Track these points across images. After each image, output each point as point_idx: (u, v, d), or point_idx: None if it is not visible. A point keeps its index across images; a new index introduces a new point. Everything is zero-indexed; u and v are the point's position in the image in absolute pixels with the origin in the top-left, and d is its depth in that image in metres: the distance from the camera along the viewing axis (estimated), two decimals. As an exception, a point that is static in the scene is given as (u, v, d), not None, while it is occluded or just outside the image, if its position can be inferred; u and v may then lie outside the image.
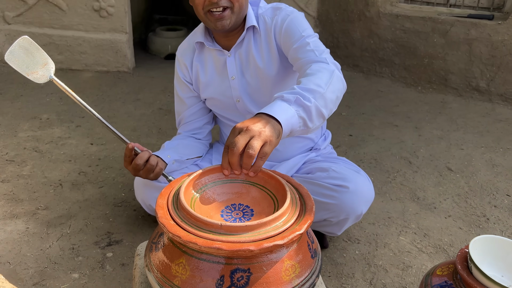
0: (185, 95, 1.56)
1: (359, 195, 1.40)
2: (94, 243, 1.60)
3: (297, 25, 1.35)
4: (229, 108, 1.53)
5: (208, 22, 1.32)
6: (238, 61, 1.45)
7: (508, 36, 2.92)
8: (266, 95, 1.46)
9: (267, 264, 0.82)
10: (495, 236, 1.18)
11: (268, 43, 1.41)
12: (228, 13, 1.29)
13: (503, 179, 2.17)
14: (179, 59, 1.53)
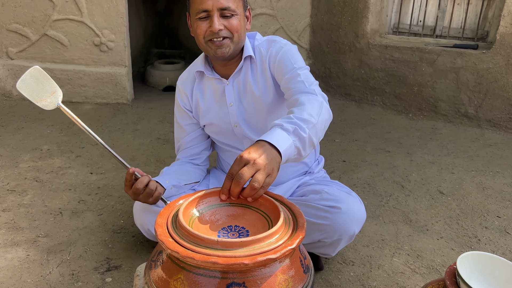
0: (184, 122, 1.63)
1: (351, 216, 1.45)
2: (94, 269, 1.63)
3: (290, 57, 1.44)
4: (227, 133, 1.60)
5: (209, 50, 1.41)
6: (236, 88, 1.53)
7: (492, 64, 3.05)
8: (261, 121, 1.54)
9: (261, 278, 0.87)
10: (482, 252, 1.22)
11: (263, 73, 1.50)
12: (228, 42, 1.39)
13: (493, 201, 2.22)
14: (180, 88, 1.62)
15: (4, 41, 3.50)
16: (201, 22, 1.36)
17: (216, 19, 1.34)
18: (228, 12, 1.35)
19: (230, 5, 1.35)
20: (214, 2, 1.33)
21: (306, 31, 3.88)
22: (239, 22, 1.39)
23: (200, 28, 1.37)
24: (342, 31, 3.67)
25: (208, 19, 1.36)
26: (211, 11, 1.34)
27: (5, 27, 3.45)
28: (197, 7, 1.35)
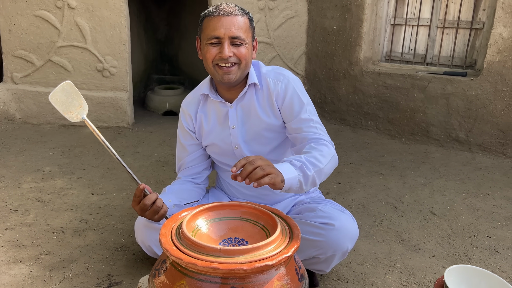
0: (187, 142, 1.71)
1: (345, 232, 1.52)
2: (95, 285, 1.67)
3: (299, 96, 1.55)
4: (227, 154, 1.68)
5: (216, 75, 1.49)
6: (239, 112, 1.62)
7: (481, 91, 3.17)
8: (260, 144, 1.63)
9: (259, 284, 0.93)
10: (468, 265, 1.29)
11: (270, 102, 1.58)
12: (235, 69, 1.47)
13: (483, 222, 2.29)
14: (184, 110, 1.70)
15: (9, 66, 3.61)
16: (211, 47, 1.45)
17: (227, 46, 1.43)
18: (238, 40, 1.44)
19: (241, 34, 1.44)
20: (226, 31, 1.43)
21: (301, 58, 4.02)
22: (247, 51, 1.48)
23: (210, 52, 1.46)
24: (336, 58, 3.81)
25: (219, 45, 1.45)
26: (222, 39, 1.43)
27: (11, 53, 3.57)
28: (210, 33, 1.44)
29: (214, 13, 1.44)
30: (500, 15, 3.01)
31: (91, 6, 3.44)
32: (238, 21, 1.44)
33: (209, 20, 1.45)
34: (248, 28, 1.48)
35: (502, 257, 1.97)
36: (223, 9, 1.45)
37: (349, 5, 3.62)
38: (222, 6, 1.46)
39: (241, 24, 1.45)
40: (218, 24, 1.43)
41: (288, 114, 1.56)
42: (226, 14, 1.43)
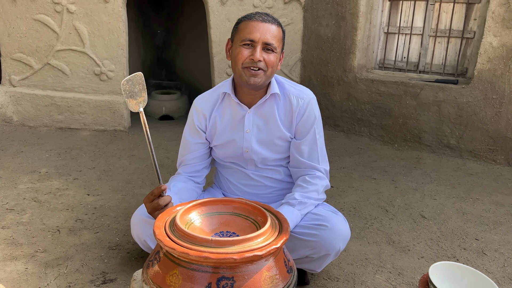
0: (193, 140, 1.74)
1: (337, 233, 1.57)
2: (90, 282, 1.70)
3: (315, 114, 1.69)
4: (235, 156, 1.73)
5: (243, 76, 1.55)
6: (256, 118, 1.67)
7: (471, 98, 3.24)
8: (269, 150, 1.71)
9: (249, 274, 0.97)
10: (452, 262, 1.34)
11: (290, 116, 1.67)
12: (261, 74, 1.54)
13: (472, 225, 2.34)
14: (198, 108, 1.72)
15: (7, 69, 3.65)
16: (244, 49, 1.52)
17: (259, 50, 1.50)
18: (270, 47, 1.51)
19: (274, 42, 1.52)
20: (261, 35, 1.50)
21: (297, 65, 4.08)
22: (275, 59, 1.55)
23: (242, 54, 1.52)
24: (331, 65, 3.88)
25: (251, 48, 1.51)
26: (256, 42, 1.50)
27: (10, 56, 3.61)
28: (245, 36, 1.51)
29: (252, 18, 1.52)
30: (490, 25, 3.09)
31: (89, 11, 3.49)
32: (273, 29, 1.52)
33: (247, 23, 1.52)
34: (280, 38, 1.56)
35: (489, 258, 2.01)
36: (261, 16, 1.53)
37: (343, 13, 3.69)
38: (260, 13, 1.55)
39: (276, 33, 1.53)
40: (255, 28, 1.50)
41: (301, 131, 1.68)
42: (264, 21, 1.51)
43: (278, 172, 1.77)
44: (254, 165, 1.75)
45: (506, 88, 3.11)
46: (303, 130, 1.68)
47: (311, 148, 1.69)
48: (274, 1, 3.78)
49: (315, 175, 1.69)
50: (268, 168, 1.75)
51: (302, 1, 3.87)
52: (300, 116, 1.66)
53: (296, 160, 1.71)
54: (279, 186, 1.78)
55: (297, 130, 1.68)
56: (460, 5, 3.44)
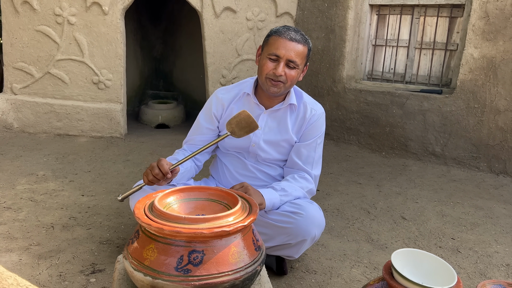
0: (206, 124, 1.88)
1: (312, 220, 1.69)
2: (80, 272, 1.80)
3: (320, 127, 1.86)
4: (241, 147, 1.88)
5: (265, 84, 1.71)
6: (269, 120, 1.83)
7: (455, 108, 3.36)
8: (274, 150, 1.86)
9: (218, 248, 1.08)
10: (413, 249, 1.44)
11: (301, 123, 1.84)
12: (281, 85, 1.70)
13: (450, 226, 2.43)
14: (219, 98, 1.87)
15: (9, 77, 3.80)
16: (270, 62, 1.68)
17: (282, 66, 1.66)
18: (292, 64, 1.66)
19: (297, 60, 1.66)
20: (286, 53, 1.64)
21: (289, 76, 4.22)
22: (296, 74, 1.70)
23: (267, 66, 1.68)
24: (321, 76, 4.01)
25: (276, 62, 1.66)
26: (281, 58, 1.65)
27: (12, 65, 3.76)
28: (272, 50, 1.66)
29: (282, 35, 1.66)
30: (471, 37, 3.23)
31: (89, 22, 3.65)
32: (298, 48, 1.66)
33: (276, 39, 1.67)
34: (304, 56, 1.70)
35: (463, 256, 2.11)
36: (290, 33, 1.66)
37: (333, 26, 3.85)
38: (290, 30, 1.68)
39: (300, 51, 1.67)
40: (282, 45, 1.65)
41: (306, 137, 1.84)
42: (291, 40, 1.65)
43: (274, 169, 1.91)
44: (255, 158, 1.89)
45: (487, 98, 3.23)
46: (307, 136, 1.84)
47: (309, 154, 1.84)
48: (266, 15, 3.94)
49: (303, 176, 1.84)
50: (266, 164, 1.89)
51: (294, 15, 4.03)
52: (310, 124, 1.83)
53: (292, 162, 1.86)
54: (270, 182, 1.90)
55: (303, 134, 1.85)
56: (444, 19, 3.59)
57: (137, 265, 1.08)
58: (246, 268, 1.10)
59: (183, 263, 1.05)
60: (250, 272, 1.11)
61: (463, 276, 1.92)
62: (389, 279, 1.34)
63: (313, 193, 1.89)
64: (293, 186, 1.79)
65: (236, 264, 1.08)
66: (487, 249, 2.18)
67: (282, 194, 1.73)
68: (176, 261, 1.05)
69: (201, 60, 4.23)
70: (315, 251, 2.06)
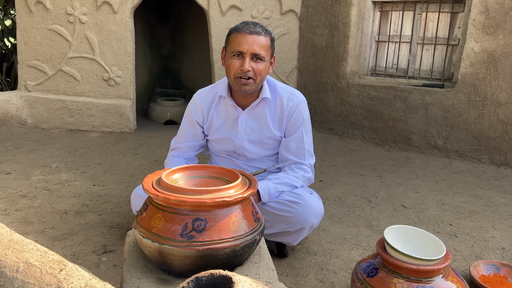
0: (190, 130, 1.94)
1: (311, 209, 1.77)
2: (92, 252, 1.91)
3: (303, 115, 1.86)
4: (229, 151, 1.94)
5: (235, 85, 1.73)
6: (249, 119, 1.86)
7: (456, 101, 3.42)
8: (260, 148, 1.90)
9: (219, 217, 1.17)
10: (405, 225, 1.52)
11: (280, 117, 1.86)
12: (252, 82, 1.71)
13: (449, 214, 2.50)
14: (197, 103, 1.90)
15: (23, 75, 3.94)
16: (234, 60, 1.69)
17: (248, 61, 1.67)
18: (258, 57, 1.68)
19: (261, 52, 1.67)
20: (249, 47, 1.65)
21: (293, 72, 4.31)
22: (264, 68, 1.72)
23: (233, 65, 1.69)
24: (325, 72, 4.10)
25: (241, 59, 1.68)
26: (245, 54, 1.66)
27: (26, 63, 3.90)
28: (234, 48, 1.67)
29: (241, 30, 1.67)
30: (472, 31, 3.29)
31: (100, 21, 3.78)
32: (260, 40, 1.66)
33: (236, 35, 1.68)
34: (268, 47, 1.70)
35: (460, 240, 2.18)
36: (249, 27, 1.66)
37: (336, 23, 3.93)
38: (249, 24, 1.69)
39: (263, 43, 1.67)
40: (243, 40, 1.65)
41: (290, 130, 1.87)
42: (251, 33, 1.65)
43: (266, 163, 1.97)
44: (245, 158, 1.95)
45: (488, 91, 3.29)
46: (292, 129, 1.88)
47: (298, 146, 1.88)
48: (271, 12, 4.04)
49: (300, 167, 1.90)
50: (258, 160, 1.96)
51: (298, 12, 4.12)
52: (289, 116, 1.85)
53: (284, 158, 1.91)
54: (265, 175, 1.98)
55: (286, 129, 1.88)
56: (445, 14, 3.66)
57: (145, 233, 1.18)
58: (246, 236, 1.19)
59: (188, 230, 1.14)
60: (250, 240, 1.20)
61: (458, 258, 1.99)
62: (382, 252, 1.42)
63: (311, 181, 1.95)
64: (288, 176, 1.84)
65: (236, 232, 1.18)
66: (484, 234, 2.25)
67: (276, 182, 1.79)
68: (181, 228, 1.14)
69: (208, 58, 4.34)
70: (315, 235, 2.14)
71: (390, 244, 1.40)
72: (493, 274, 1.81)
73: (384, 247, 1.45)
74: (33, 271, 1.05)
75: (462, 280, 1.40)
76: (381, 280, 1.38)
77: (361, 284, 1.42)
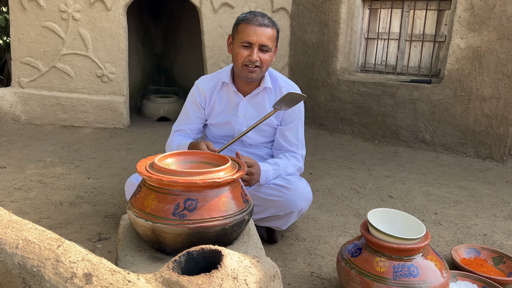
0: (194, 113, 2.01)
1: (300, 194, 1.84)
2: (87, 239, 1.96)
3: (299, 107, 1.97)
4: (226, 134, 2.02)
5: (242, 72, 1.82)
6: (249, 106, 1.96)
7: (443, 96, 3.51)
8: (257, 134, 1.99)
9: (210, 197, 1.23)
10: (388, 208, 1.59)
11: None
12: (258, 70, 1.82)
13: (434, 203, 2.58)
14: (200, 88, 1.98)
15: (17, 72, 3.97)
16: (243, 49, 1.78)
17: (256, 51, 1.77)
18: (265, 48, 1.78)
19: (268, 43, 1.78)
20: (258, 38, 1.75)
21: (285, 69, 4.38)
22: (270, 57, 1.82)
23: (241, 54, 1.79)
24: (316, 69, 4.17)
25: (249, 49, 1.77)
26: (254, 44, 1.76)
27: (19, 59, 3.93)
28: (243, 38, 1.77)
29: (251, 22, 1.76)
30: (457, 28, 3.38)
31: (93, 18, 3.82)
32: (268, 32, 1.77)
33: (245, 26, 1.77)
34: (274, 38, 1.81)
35: (443, 228, 2.26)
36: (258, 19, 1.77)
37: (326, 20, 4.01)
38: (257, 16, 1.78)
39: (270, 34, 1.77)
40: (252, 32, 1.75)
41: (286, 120, 1.97)
42: (260, 25, 1.75)
43: (262, 150, 2.06)
44: (241, 143, 2.03)
45: (473, 86, 3.38)
46: (288, 119, 1.97)
47: (293, 136, 1.99)
48: (262, 10, 4.10)
49: (293, 155, 2.00)
50: (254, 146, 2.04)
51: (289, 10, 4.19)
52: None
53: (279, 144, 2.01)
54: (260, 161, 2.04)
55: (283, 118, 1.98)
56: (432, 11, 3.75)
57: (139, 213, 1.24)
58: (235, 216, 1.25)
59: (179, 209, 1.20)
60: (239, 219, 1.26)
61: (441, 244, 2.07)
62: (365, 233, 1.50)
63: (301, 171, 2.05)
64: (285, 163, 1.94)
65: (226, 211, 1.24)
66: (467, 222, 2.33)
67: (275, 168, 1.88)
68: (173, 207, 1.20)
69: (200, 56, 4.39)
70: (304, 223, 2.21)
71: (373, 225, 1.47)
72: (474, 258, 1.89)
73: (367, 228, 1.52)
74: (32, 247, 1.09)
75: (441, 259, 1.47)
76: (364, 260, 1.45)
77: (345, 263, 1.49)
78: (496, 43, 3.24)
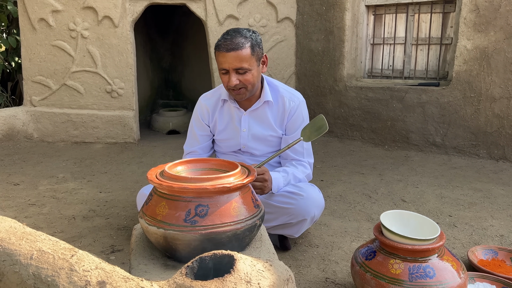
0: (200, 132, 2.02)
1: (312, 201, 1.83)
2: (100, 251, 1.96)
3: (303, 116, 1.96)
4: (234, 149, 2.02)
5: (231, 94, 1.84)
6: (251, 120, 1.95)
7: (452, 98, 3.49)
8: (263, 145, 1.99)
9: (221, 203, 1.23)
10: (400, 210, 1.58)
11: (282, 116, 1.96)
12: (244, 90, 1.80)
13: (448, 206, 2.54)
14: (203, 105, 1.98)
15: (29, 91, 4.04)
16: (223, 75, 1.78)
17: (233, 76, 1.74)
18: (242, 70, 1.74)
19: (243, 65, 1.71)
20: (230, 64, 1.72)
21: (292, 78, 4.40)
22: (252, 76, 1.77)
23: (223, 79, 1.79)
24: (322, 76, 4.18)
25: (228, 74, 1.75)
26: (228, 70, 1.74)
27: (31, 79, 4.01)
28: (219, 66, 1.77)
29: (221, 49, 1.72)
30: (464, 30, 3.37)
31: (101, 35, 3.89)
32: (240, 54, 1.69)
33: (218, 54, 1.76)
34: (250, 56, 1.71)
35: (459, 230, 2.22)
36: (227, 44, 1.69)
37: (331, 28, 4.03)
38: (227, 40, 1.70)
39: (243, 56, 1.70)
40: (223, 59, 1.71)
41: (290, 129, 1.96)
42: (228, 50, 1.69)
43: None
44: (250, 154, 2.03)
45: (482, 87, 3.35)
46: (292, 128, 1.96)
47: (298, 144, 1.94)
48: (267, 20, 4.14)
49: (300, 163, 1.99)
50: (262, 156, 2.03)
51: (294, 19, 4.22)
52: (290, 116, 1.95)
53: (285, 153, 1.99)
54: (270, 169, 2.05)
55: (287, 127, 1.97)
56: (437, 14, 3.75)
57: (151, 220, 1.24)
58: (247, 221, 1.25)
59: (191, 216, 1.21)
60: (250, 224, 1.26)
61: (457, 246, 2.04)
62: (379, 235, 1.48)
63: (310, 178, 2.03)
64: (292, 170, 1.93)
65: (237, 217, 1.24)
66: (483, 223, 2.29)
67: (284, 174, 1.88)
68: (185, 214, 1.21)
69: (208, 69, 4.44)
70: (317, 230, 2.19)
71: (386, 227, 1.46)
72: (491, 259, 1.86)
73: (381, 231, 1.51)
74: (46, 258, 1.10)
75: (458, 260, 1.45)
76: (379, 262, 1.43)
77: (360, 267, 1.47)
78: (504, 42, 3.22)
